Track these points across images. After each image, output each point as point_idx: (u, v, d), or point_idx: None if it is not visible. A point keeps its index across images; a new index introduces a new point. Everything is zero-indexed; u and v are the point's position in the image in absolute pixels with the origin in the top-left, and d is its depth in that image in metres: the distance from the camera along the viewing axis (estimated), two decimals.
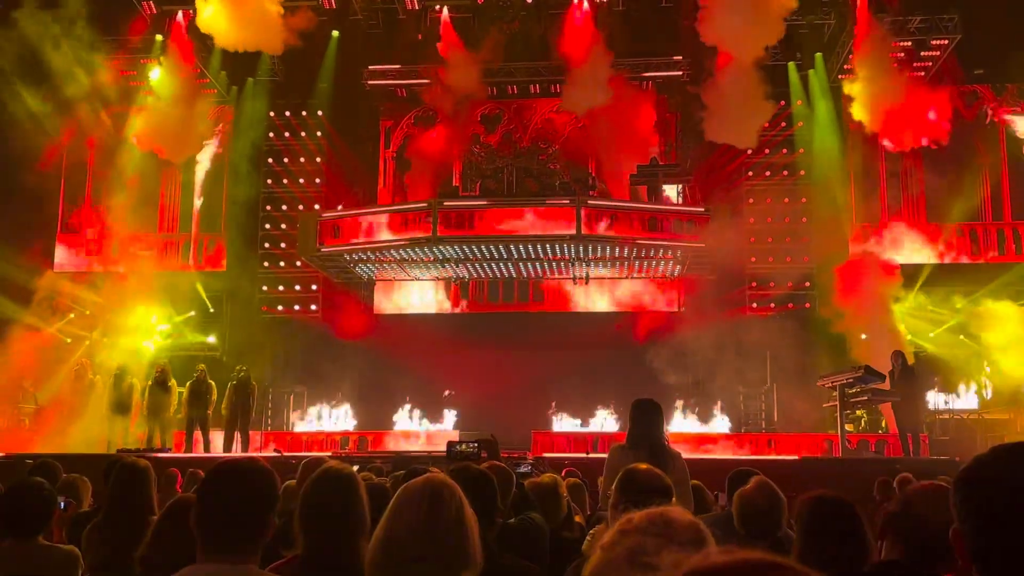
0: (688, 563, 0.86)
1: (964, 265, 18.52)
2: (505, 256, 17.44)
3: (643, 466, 3.03)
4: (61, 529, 4.27)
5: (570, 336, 18.83)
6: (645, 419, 5.16)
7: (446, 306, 20.00)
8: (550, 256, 17.56)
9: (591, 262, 17.96)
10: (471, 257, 17.63)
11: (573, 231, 16.17)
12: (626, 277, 18.92)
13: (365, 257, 17.84)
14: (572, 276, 18.82)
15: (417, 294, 20.11)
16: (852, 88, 17.19)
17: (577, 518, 5.19)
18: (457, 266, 18.31)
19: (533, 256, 17.52)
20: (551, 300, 19.69)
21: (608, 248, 17.00)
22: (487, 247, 17.04)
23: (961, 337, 17.06)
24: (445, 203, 16.91)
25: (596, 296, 19.64)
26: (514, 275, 18.80)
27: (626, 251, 17.25)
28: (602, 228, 16.34)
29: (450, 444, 4.80)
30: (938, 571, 2.44)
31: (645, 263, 18.16)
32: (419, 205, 17.33)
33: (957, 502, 1.50)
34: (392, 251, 17.37)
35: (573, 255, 17.41)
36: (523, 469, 5.88)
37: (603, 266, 18.39)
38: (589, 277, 18.80)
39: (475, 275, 18.98)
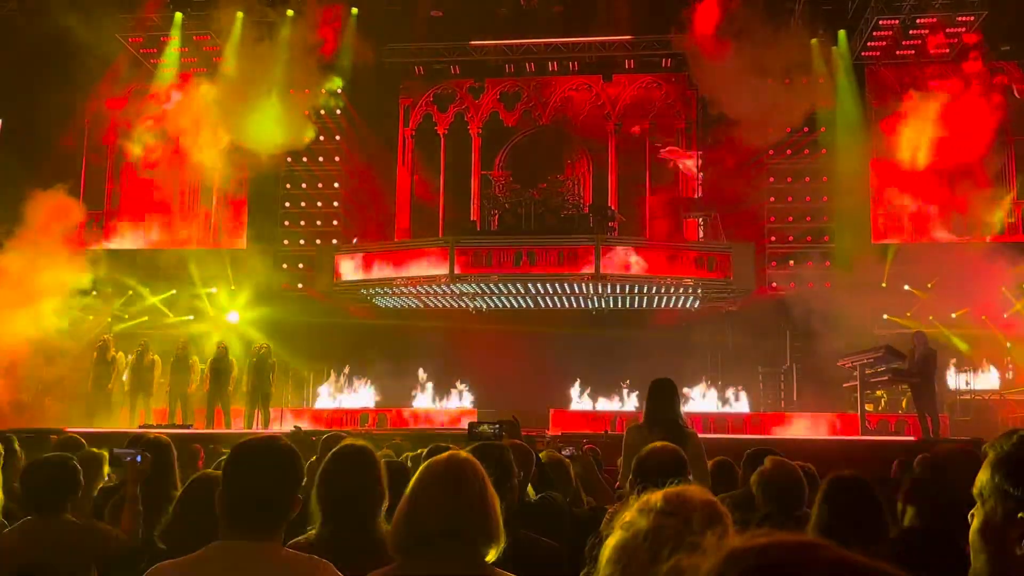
0: (726, 545, 0.85)
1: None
2: (523, 292, 17.59)
3: (659, 444, 3.04)
4: (136, 486, 4.23)
5: (589, 314, 18.82)
6: (661, 399, 5.20)
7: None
8: (568, 293, 17.65)
9: (610, 298, 18.02)
10: (488, 292, 17.75)
11: (592, 270, 16.25)
12: (645, 308, 18.77)
13: (381, 291, 18.03)
14: (592, 309, 18.81)
15: None
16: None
17: (611, 508, 5.19)
18: (474, 300, 18.37)
19: (551, 292, 17.63)
20: None
21: (628, 285, 17.09)
22: (505, 284, 17.16)
23: (983, 317, 16.87)
24: (462, 240, 17.09)
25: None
26: (532, 306, 18.63)
27: (646, 288, 17.28)
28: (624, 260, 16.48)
29: (471, 425, 4.77)
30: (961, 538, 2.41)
31: (664, 298, 18.10)
32: (437, 241, 17.60)
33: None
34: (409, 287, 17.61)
35: (591, 291, 17.44)
36: (566, 453, 5.86)
37: (620, 300, 18.35)
38: (608, 309, 18.76)
39: (493, 307, 18.82)
